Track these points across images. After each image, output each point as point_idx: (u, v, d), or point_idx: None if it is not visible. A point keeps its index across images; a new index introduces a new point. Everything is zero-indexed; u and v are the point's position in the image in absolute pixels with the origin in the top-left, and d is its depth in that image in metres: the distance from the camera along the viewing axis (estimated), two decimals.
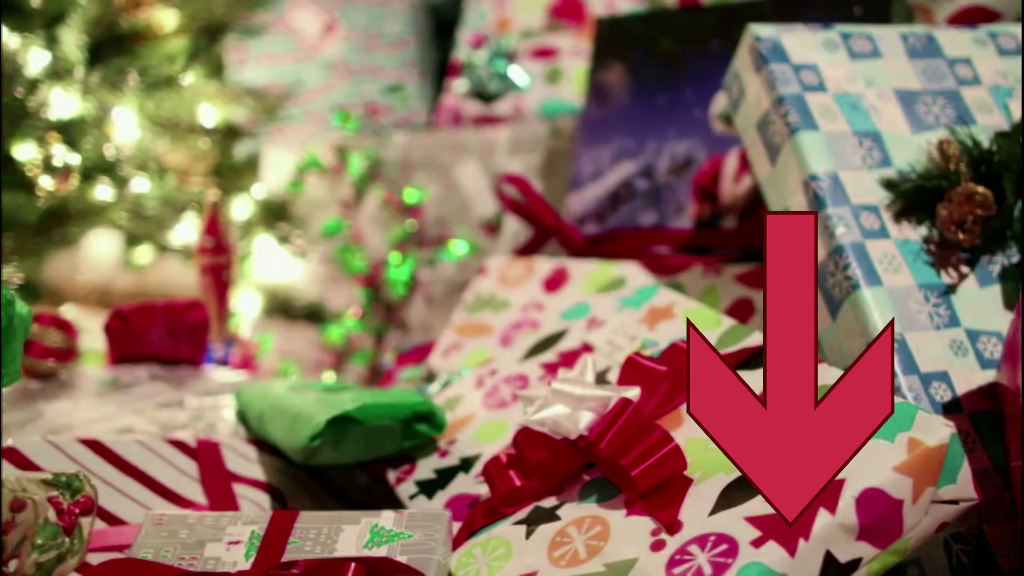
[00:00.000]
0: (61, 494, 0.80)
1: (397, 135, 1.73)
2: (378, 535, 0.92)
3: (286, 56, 1.92)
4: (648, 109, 1.41)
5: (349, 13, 1.91)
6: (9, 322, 0.93)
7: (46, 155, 1.49)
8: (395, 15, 1.89)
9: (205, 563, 0.91)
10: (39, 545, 0.78)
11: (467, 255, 1.59)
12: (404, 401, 1.08)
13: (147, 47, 1.59)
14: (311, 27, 1.90)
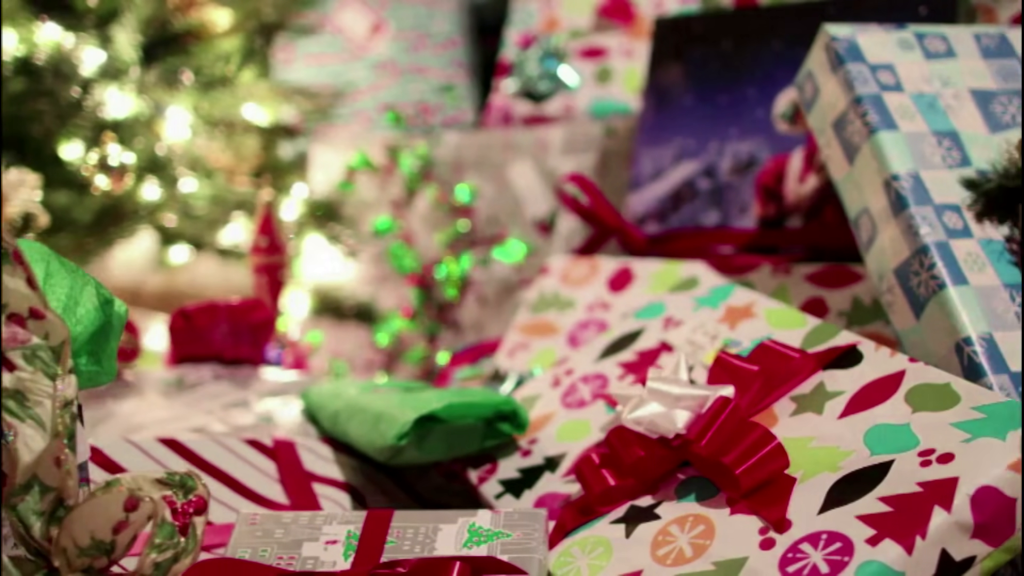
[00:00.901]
0: (175, 493, 0.79)
1: (448, 134, 1.73)
2: (476, 534, 0.92)
3: (333, 56, 1.92)
4: (709, 109, 1.41)
5: (397, 13, 1.90)
6: (108, 320, 0.93)
7: (102, 154, 1.49)
8: (443, 15, 1.88)
9: (304, 563, 0.91)
10: (157, 545, 0.78)
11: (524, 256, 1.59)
12: (487, 400, 1.08)
13: (200, 47, 1.59)
14: (358, 27, 1.89)
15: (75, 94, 1.49)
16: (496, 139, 1.67)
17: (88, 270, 1.59)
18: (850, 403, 0.93)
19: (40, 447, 0.79)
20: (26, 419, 0.80)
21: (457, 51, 1.88)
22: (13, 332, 0.80)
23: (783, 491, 0.87)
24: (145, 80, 1.55)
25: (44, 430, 0.80)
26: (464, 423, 1.07)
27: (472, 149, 1.68)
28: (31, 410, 0.80)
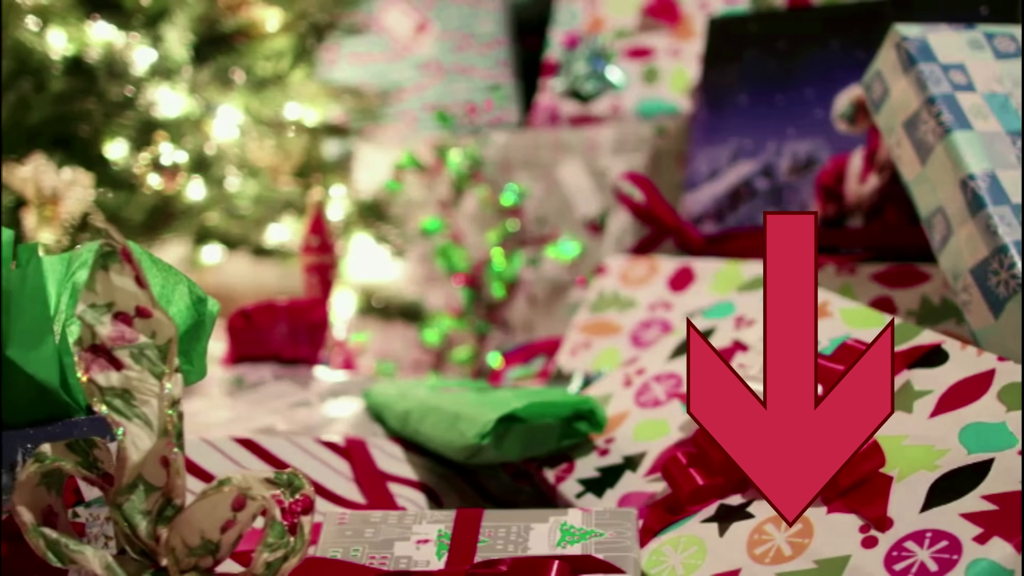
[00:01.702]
0: (283, 493, 0.79)
1: (496, 134, 1.73)
2: (569, 533, 0.92)
3: (377, 55, 1.91)
4: (766, 109, 1.41)
5: (442, 13, 1.90)
6: (200, 319, 0.92)
7: (154, 154, 1.49)
8: (488, 15, 1.88)
9: (397, 562, 0.91)
10: (269, 544, 0.77)
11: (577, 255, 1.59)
12: (566, 399, 1.08)
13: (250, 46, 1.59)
14: (403, 27, 1.89)
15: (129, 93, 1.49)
16: (545, 139, 1.67)
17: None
18: (940, 402, 0.93)
19: (147, 446, 0.79)
20: (133, 418, 0.80)
21: (502, 51, 1.88)
22: (120, 331, 0.80)
23: (881, 489, 0.87)
24: (197, 79, 1.55)
25: (151, 429, 0.80)
26: (543, 422, 1.07)
27: (521, 149, 1.68)
28: (137, 409, 0.80)
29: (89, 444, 0.84)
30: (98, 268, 0.79)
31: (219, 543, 0.79)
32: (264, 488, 0.78)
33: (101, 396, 0.79)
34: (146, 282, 0.79)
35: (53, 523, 0.83)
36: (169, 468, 0.79)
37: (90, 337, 0.80)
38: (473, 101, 1.85)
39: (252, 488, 0.78)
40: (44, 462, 0.81)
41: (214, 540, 0.79)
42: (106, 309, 0.80)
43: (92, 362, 0.79)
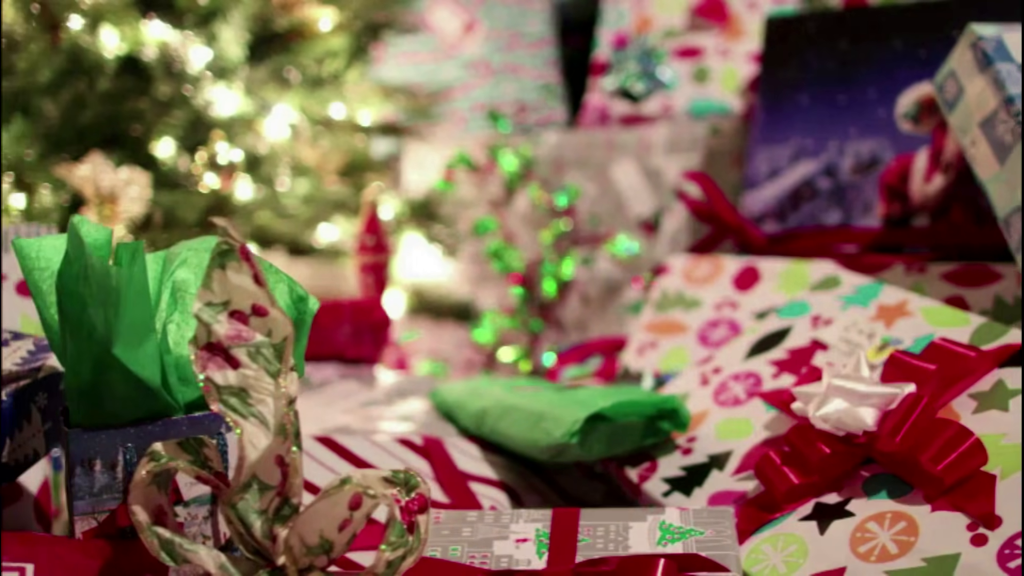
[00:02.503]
0: (399, 492, 0.79)
1: (547, 134, 1.73)
2: (669, 532, 0.92)
3: (425, 55, 1.91)
4: (828, 108, 1.41)
5: (490, 12, 1.89)
6: (301, 318, 0.92)
7: (210, 153, 1.48)
8: (536, 14, 1.88)
9: (498, 561, 0.91)
10: (391, 543, 0.77)
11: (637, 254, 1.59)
12: (650, 398, 1.08)
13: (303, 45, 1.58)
14: (451, 26, 1.89)
15: (187, 92, 1.48)
16: (598, 138, 1.66)
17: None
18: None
19: (264, 445, 0.79)
20: (249, 417, 0.79)
21: (550, 50, 1.87)
22: (237, 329, 0.79)
23: (986, 487, 0.87)
24: (253, 78, 1.54)
25: (267, 428, 0.79)
26: (627, 421, 1.07)
27: (573, 148, 1.68)
28: (254, 408, 0.79)
29: (199, 443, 0.84)
30: (215, 267, 0.79)
31: (334, 542, 0.79)
32: (383, 487, 0.78)
33: (218, 395, 0.79)
34: (264, 280, 0.79)
35: (163, 522, 0.82)
36: (287, 468, 0.79)
37: (206, 336, 0.79)
38: (523, 100, 1.84)
39: (372, 487, 0.78)
40: (159, 461, 0.81)
41: (331, 539, 0.79)
42: (222, 307, 0.80)
43: (209, 360, 0.79)
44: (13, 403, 0.95)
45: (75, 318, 0.87)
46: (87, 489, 0.89)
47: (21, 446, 0.98)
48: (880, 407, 0.94)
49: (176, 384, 0.91)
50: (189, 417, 0.91)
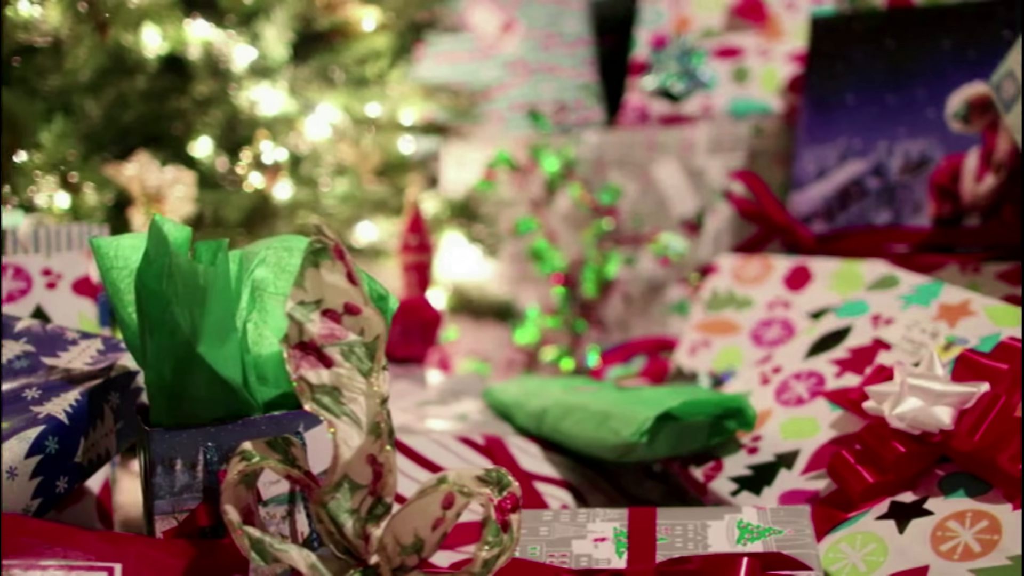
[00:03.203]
0: (492, 491, 0.79)
1: (588, 133, 1.73)
2: (747, 531, 0.92)
3: (463, 54, 1.91)
4: (876, 108, 1.42)
5: (528, 12, 1.89)
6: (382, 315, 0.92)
7: (255, 152, 1.48)
8: (573, 14, 1.88)
9: (577, 560, 0.91)
10: (488, 542, 0.77)
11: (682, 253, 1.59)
12: (717, 398, 1.08)
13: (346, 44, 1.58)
14: (489, 25, 1.88)
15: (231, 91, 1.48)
16: (639, 138, 1.67)
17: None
18: None
19: (357, 444, 0.79)
20: (341, 416, 0.79)
21: (587, 50, 1.87)
22: (330, 328, 0.79)
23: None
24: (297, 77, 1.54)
25: (360, 427, 0.79)
26: (694, 420, 1.07)
27: (614, 148, 1.68)
28: (346, 407, 0.79)
29: (287, 442, 0.84)
30: (308, 265, 0.79)
31: (427, 541, 0.79)
32: (477, 486, 0.78)
33: (311, 393, 0.79)
34: (358, 279, 0.79)
35: (251, 522, 0.82)
36: (380, 467, 0.79)
37: (298, 334, 0.79)
38: (561, 100, 1.84)
39: (467, 486, 0.77)
40: (250, 460, 0.80)
41: (424, 538, 0.79)
42: (315, 306, 0.79)
43: (302, 359, 0.79)
44: (87, 403, 0.95)
45: (156, 317, 0.87)
46: (168, 489, 0.88)
47: (94, 446, 0.98)
48: (956, 406, 0.94)
49: (255, 383, 0.91)
50: (268, 416, 0.91)
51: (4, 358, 1.00)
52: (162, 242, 0.88)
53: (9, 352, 1.00)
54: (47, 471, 0.91)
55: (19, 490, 0.89)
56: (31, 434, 0.90)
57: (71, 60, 1.42)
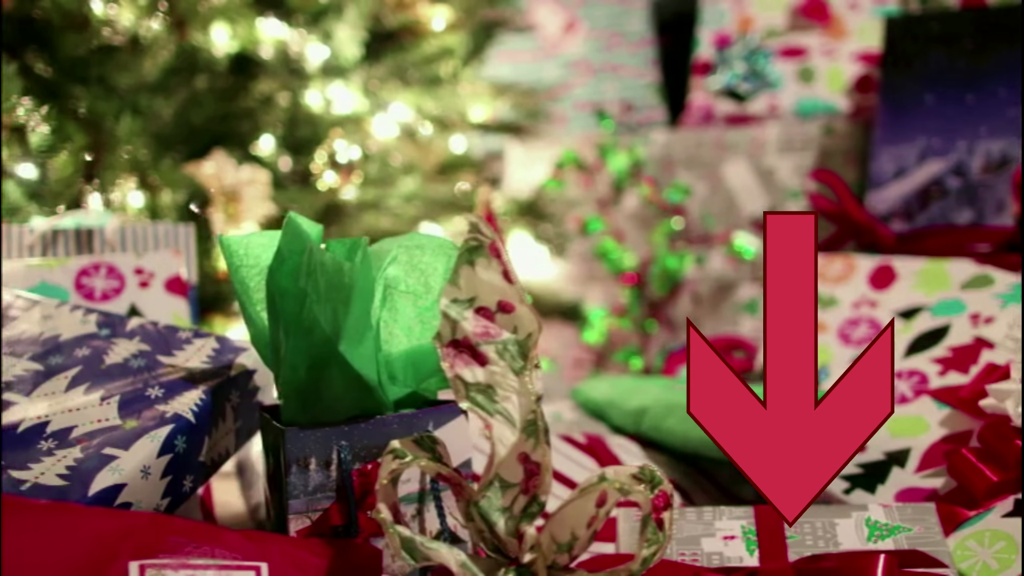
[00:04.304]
0: (645, 489, 0.79)
1: (656, 133, 1.73)
2: (876, 528, 0.92)
3: (526, 54, 1.90)
4: (956, 108, 1.42)
5: (591, 11, 1.89)
6: None
7: (329, 151, 1.47)
8: (635, 14, 1.88)
9: (709, 558, 0.91)
10: (648, 540, 0.77)
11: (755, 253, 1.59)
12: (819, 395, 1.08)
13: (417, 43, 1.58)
14: (552, 25, 1.89)
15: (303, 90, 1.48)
16: (707, 138, 1.67)
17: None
18: None
19: (511, 442, 0.78)
20: (495, 414, 0.79)
21: (649, 50, 1.87)
22: (485, 326, 0.79)
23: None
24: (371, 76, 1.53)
25: (513, 426, 0.79)
26: None
27: (682, 147, 1.68)
28: (499, 405, 0.79)
29: (432, 441, 0.83)
30: (463, 263, 0.79)
31: (580, 539, 0.79)
32: (633, 484, 0.78)
33: (466, 392, 0.79)
34: (515, 277, 0.79)
35: (398, 520, 0.82)
36: (534, 465, 0.79)
37: (451, 332, 0.79)
38: (628, 99, 1.84)
39: (625, 484, 0.77)
40: (403, 459, 0.80)
41: (579, 536, 0.78)
42: (468, 304, 0.79)
43: (456, 357, 0.79)
44: (211, 401, 0.94)
45: (291, 315, 0.87)
46: (302, 488, 0.88)
47: (216, 445, 0.97)
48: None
49: (385, 382, 0.91)
50: (398, 415, 0.91)
51: (121, 357, 0.99)
52: (296, 239, 0.88)
53: (125, 351, 1.00)
54: (176, 470, 0.91)
55: (151, 489, 0.89)
56: (161, 433, 0.90)
57: (150, 59, 1.41)
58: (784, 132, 1.62)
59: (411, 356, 0.92)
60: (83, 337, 1.02)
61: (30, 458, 0.87)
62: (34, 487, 0.84)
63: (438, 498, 0.91)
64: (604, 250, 1.68)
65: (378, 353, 0.90)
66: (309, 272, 0.85)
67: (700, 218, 1.65)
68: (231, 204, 1.42)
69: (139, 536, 0.79)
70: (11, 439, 0.90)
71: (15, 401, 0.94)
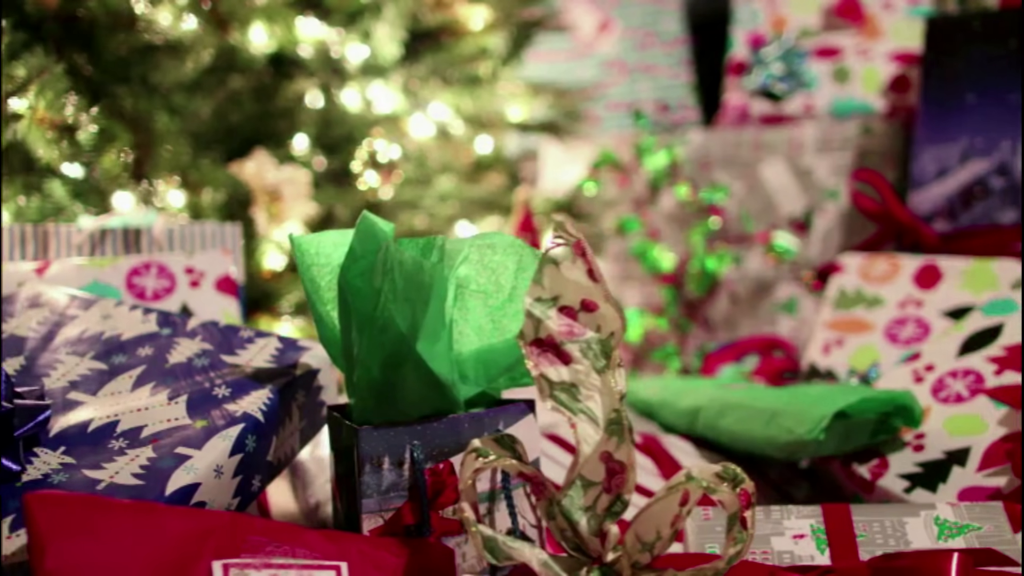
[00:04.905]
0: (728, 488, 0.79)
1: (693, 133, 1.73)
2: (946, 527, 0.92)
3: (560, 54, 1.90)
4: (999, 108, 1.42)
5: (625, 11, 1.89)
6: None
7: (370, 150, 1.47)
8: (669, 14, 1.87)
9: (780, 557, 0.91)
10: (736, 538, 0.77)
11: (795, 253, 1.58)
12: (885, 395, 1.08)
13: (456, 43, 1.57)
14: (586, 25, 1.88)
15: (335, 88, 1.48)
16: (745, 138, 1.67)
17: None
18: None
19: (595, 441, 0.78)
20: (578, 413, 0.79)
21: (683, 49, 1.87)
22: (568, 325, 0.79)
23: None
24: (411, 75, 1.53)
25: (596, 424, 0.79)
26: (863, 417, 1.07)
27: (719, 147, 1.68)
28: (582, 404, 0.79)
29: (512, 440, 0.83)
30: (548, 262, 0.79)
31: (664, 538, 0.79)
32: (717, 483, 0.78)
33: (549, 390, 0.79)
34: (600, 275, 0.79)
35: (479, 519, 0.82)
36: (617, 464, 0.79)
37: (534, 331, 0.79)
38: (663, 99, 1.84)
39: (711, 483, 0.77)
40: (487, 458, 0.80)
41: (664, 535, 0.78)
42: (552, 303, 0.79)
43: (540, 356, 0.79)
44: (279, 401, 0.94)
45: (365, 314, 0.87)
46: (375, 487, 0.88)
47: (282, 444, 0.97)
48: None
49: (456, 381, 0.91)
50: (470, 414, 0.90)
51: (184, 356, 0.99)
52: (371, 238, 0.88)
53: (188, 350, 1.00)
54: (246, 469, 0.91)
55: (223, 489, 0.89)
56: (232, 432, 0.90)
57: (192, 59, 1.41)
58: (821, 132, 1.62)
59: (481, 355, 0.92)
60: (144, 336, 1.02)
61: (103, 457, 0.87)
62: (110, 486, 0.84)
63: (509, 497, 0.91)
64: (641, 250, 1.68)
65: (450, 352, 0.90)
66: (386, 271, 0.85)
67: (737, 218, 1.65)
68: (273, 203, 1.42)
69: (220, 535, 0.79)
70: (82, 438, 0.89)
71: (82, 400, 0.94)
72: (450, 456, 0.90)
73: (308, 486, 1.15)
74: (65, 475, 0.85)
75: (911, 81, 1.64)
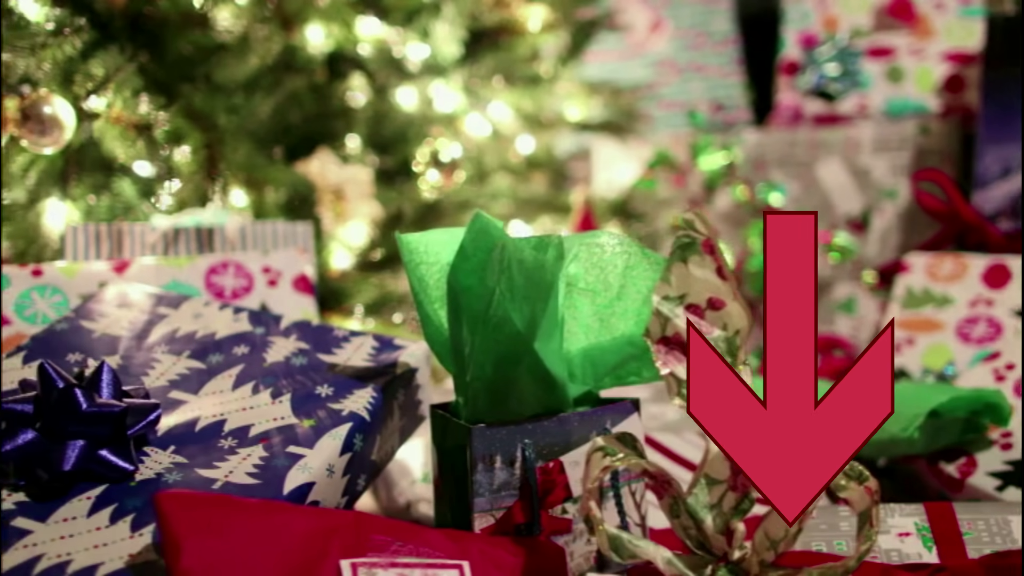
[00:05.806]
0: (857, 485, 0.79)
1: (748, 132, 1.73)
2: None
3: (612, 53, 1.90)
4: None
5: (676, 11, 1.89)
6: None
7: (433, 150, 1.47)
8: (721, 13, 1.88)
9: (888, 555, 0.91)
10: (866, 535, 0.77)
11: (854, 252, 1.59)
12: (975, 394, 1.09)
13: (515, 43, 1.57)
14: (638, 25, 1.88)
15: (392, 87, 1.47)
16: (800, 137, 1.67)
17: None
18: None
19: None
20: None
21: (734, 49, 1.87)
22: (697, 324, 0.79)
23: None
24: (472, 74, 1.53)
25: None
26: (952, 416, 1.08)
27: (775, 147, 1.69)
28: None
29: (632, 439, 0.83)
30: (676, 259, 0.79)
31: (789, 535, 0.79)
32: (847, 482, 0.78)
33: (678, 388, 0.79)
34: (728, 273, 0.79)
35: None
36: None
37: (661, 329, 0.79)
38: (715, 99, 1.84)
39: (837, 481, 0.77)
40: (615, 457, 0.80)
41: (790, 533, 0.78)
42: (679, 301, 0.79)
43: (668, 354, 0.79)
44: (382, 400, 0.94)
45: (478, 312, 0.86)
46: (487, 486, 0.88)
47: (384, 443, 0.97)
48: None
49: (565, 379, 0.90)
50: (579, 413, 0.90)
51: (281, 355, 0.99)
52: (484, 236, 0.87)
53: (284, 349, 0.99)
54: (354, 468, 0.91)
55: (334, 487, 0.89)
56: (341, 431, 0.89)
57: (257, 57, 1.40)
58: (878, 132, 1.62)
59: (588, 354, 0.92)
60: (239, 335, 1.01)
61: (214, 457, 0.87)
62: (226, 485, 0.84)
63: (618, 495, 0.91)
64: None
65: (562, 351, 0.90)
66: (502, 269, 0.85)
67: None
68: (338, 202, 1.42)
69: (345, 534, 0.78)
70: (190, 437, 0.89)
71: (184, 399, 0.94)
72: (559, 455, 0.89)
73: (393, 486, 1.15)
74: (179, 474, 0.85)
75: (965, 81, 1.64)
